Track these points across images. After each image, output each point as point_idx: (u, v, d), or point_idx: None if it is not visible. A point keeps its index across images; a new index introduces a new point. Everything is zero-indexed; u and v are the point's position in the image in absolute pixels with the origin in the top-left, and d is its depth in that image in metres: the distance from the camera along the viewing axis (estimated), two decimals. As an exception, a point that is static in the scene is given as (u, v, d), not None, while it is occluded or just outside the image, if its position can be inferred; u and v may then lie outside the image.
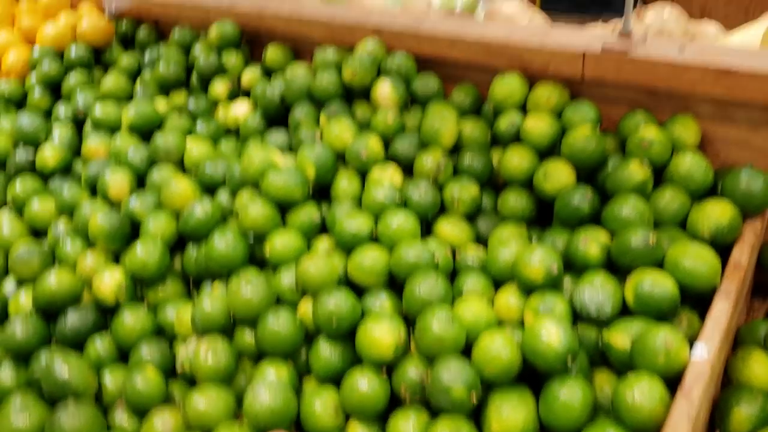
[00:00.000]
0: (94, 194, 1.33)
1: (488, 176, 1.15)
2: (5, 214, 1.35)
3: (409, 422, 0.89)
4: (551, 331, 0.85)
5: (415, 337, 0.93)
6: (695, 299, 0.93)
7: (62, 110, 1.53)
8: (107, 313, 1.14)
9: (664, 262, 0.93)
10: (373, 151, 1.18)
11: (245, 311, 1.02)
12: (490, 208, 1.15)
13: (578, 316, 0.93)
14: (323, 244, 1.12)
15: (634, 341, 0.86)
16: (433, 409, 0.90)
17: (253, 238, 1.14)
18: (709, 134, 1.07)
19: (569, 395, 0.83)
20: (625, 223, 0.97)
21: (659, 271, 0.92)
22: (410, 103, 1.27)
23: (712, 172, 1.01)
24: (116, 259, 1.21)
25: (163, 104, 1.48)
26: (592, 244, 0.97)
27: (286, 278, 1.06)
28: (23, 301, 1.18)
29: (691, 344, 0.84)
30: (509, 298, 0.97)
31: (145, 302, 1.15)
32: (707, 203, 0.97)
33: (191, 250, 1.17)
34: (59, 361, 1.00)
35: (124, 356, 1.09)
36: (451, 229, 1.10)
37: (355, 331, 0.97)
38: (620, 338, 0.88)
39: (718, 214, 0.95)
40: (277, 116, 1.35)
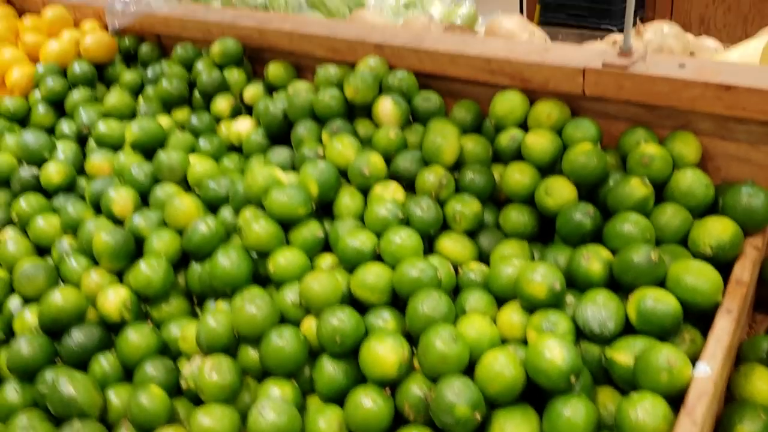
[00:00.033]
0: (98, 211, 1.34)
1: (490, 192, 1.16)
2: (10, 231, 1.36)
3: (413, 440, 0.89)
4: (554, 349, 0.86)
5: (418, 355, 0.94)
6: (697, 315, 0.93)
7: (66, 127, 1.54)
8: (112, 330, 1.15)
9: (666, 279, 0.94)
10: (375, 168, 1.18)
11: (249, 329, 1.02)
12: (492, 224, 1.16)
13: (581, 333, 0.94)
14: (326, 260, 1.13)
15: (637, 359, 0.86)
16: (437, 427, 0.90)
17: (256, 255, 1.14)
18: (709, 150, 1.07)
19: (573, 413, 0.83)
20: (627, 240, 0.98)
21: (661, 288, 0.92)
22: (412, 119, 1.27)
23: (712, 188, 1.02)
24: (120, 276, 1.22)
25: (166, 121, 1.49)
26: (594, 261, 0.98)
27: (289, 295, 1.07)
28: (29, 318, 1.18)
29: (693, 361, 0.85)
30: (512, 315, 0.97)
31: (149, 319, 1.16)
32: (708, 220, 0.98)
33: (195, 267, 1.18)
34: (65, 379, 1.01)
35: (129, 374, 1.10)
36: (453, 245, 1.11)
37: (358, 348, 0.97)
38: (623, 356, 0.88)
39: (719, 230, 0.96)
40: (279, 133, 1.36)
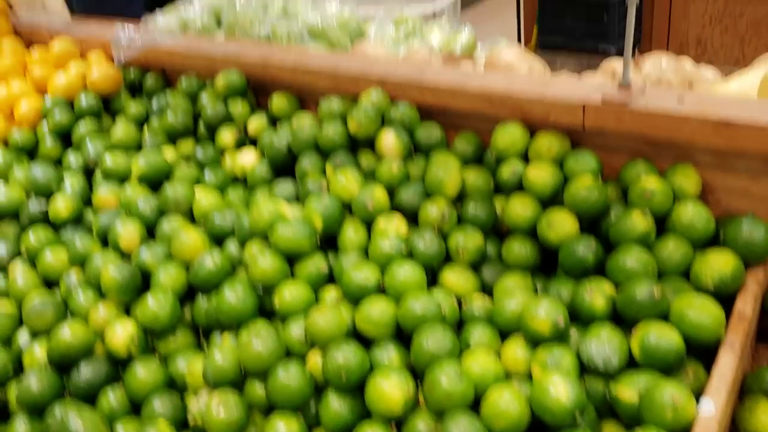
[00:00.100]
0: (105, 244, 1.35)
1: (492, 224, 1.17)
2: (19, 265, 1.38)
3: (419, 478, 0.90)
4: (559, 386, 0.87)
5: (423, 391, 0.95)
6: (700, 350, 0.94)
7: (73, 159, 1.56)
8: (119, 365, 1.16)
9: (669, 314, 0.94)
10: (378, 201, 1.20)
11: (255, 364, 1.03)
12: (494, 255, 1.17)
13: (585, 368, 0.95)
14: (331, 293, 1.14)
15: (641, 396, 0.87)
16: (443, 464, 0.90)
17: (262, 289, 1.15)
18: (709, 183, 1.08)
19: (578, 450, 0.84)
20: (629, 274, 0.99)
21: (665, 323, 0.93)
22: (414, 151, 1.29)
23: (713, 221, 1.03)
24: (127, 310, 1.23)
25: (171, 153, 1.51)
26: (597, 295, 0.99)
27: (295, 330, 1.08)
28: (38, 353, 1.19)
29: (697, 396, 0.85)
30: (516, 350, 0.98)
31: (156, 354, 1.17)
32: (710, 253, 0.99)
33: (201, 301, 1.19)
34: (73, 414, 1.02)
35: (136, 408, 1.10)
36: (456, 278, 1.12)
37: (364, 383, 0.98)
38: (627, 391, 0.89)
39: (721, 264, 0.97)
40: (284, 165, 1.38)
